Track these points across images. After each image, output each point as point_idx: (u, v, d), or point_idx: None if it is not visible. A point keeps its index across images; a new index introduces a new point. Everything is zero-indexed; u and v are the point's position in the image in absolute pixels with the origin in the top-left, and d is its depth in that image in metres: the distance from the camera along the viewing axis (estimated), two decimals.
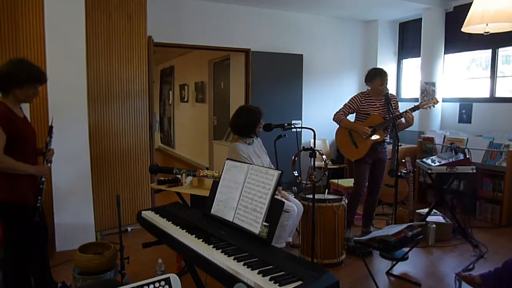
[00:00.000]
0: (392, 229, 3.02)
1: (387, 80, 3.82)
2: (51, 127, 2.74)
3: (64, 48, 3.61)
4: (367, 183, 3.93)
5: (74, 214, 3.76)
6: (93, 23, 4.01)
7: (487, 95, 5.34)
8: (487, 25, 2.77)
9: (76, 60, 3.69)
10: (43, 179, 2.59)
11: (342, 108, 3.94)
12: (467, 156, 4.16)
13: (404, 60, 6.67)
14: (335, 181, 4.94)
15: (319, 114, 6.11)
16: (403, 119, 3.78)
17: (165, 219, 2.36)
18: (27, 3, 3.67)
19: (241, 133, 3.38)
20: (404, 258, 3.51)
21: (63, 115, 3.62)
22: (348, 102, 3.94)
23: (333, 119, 3.95)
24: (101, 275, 2.85)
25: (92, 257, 2.86)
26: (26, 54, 3.67)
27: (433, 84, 5.70)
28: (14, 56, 3.59)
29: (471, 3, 2.82)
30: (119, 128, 4.32)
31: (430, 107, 3.83)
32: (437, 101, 3.84)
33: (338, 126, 3.98)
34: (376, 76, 3.81)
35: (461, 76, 5.83)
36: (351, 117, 4.02)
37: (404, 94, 6.66)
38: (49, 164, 2.68)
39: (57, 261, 3.53)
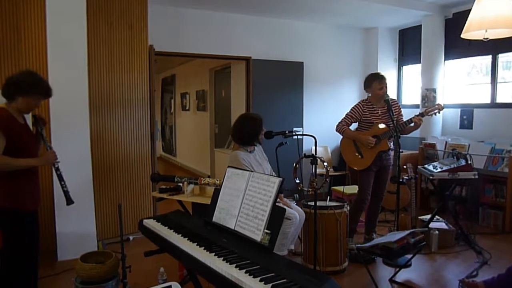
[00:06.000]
0: (395, 236, 3.00)
1: (386, 83, 3.78)
2: (34, 116, 2.66)
3: (65, 57, 3.64)
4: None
5: (75, 223, 3.75)
6: (94, 32, 4.04)
7: (488, 101, 5.34)
8: (486, 31, 2.78)
9: (78, 69, 3.72)
10: (56, 166, 2.63)
11: (344, 118, 3.91)
12: (469, 162, 4.15)
13: (404, 67, 6.70)
14: (340, 188, 4.93)
15: (320, 121, 6.12)
16: (412, 124, 3.74)
17: (167, 227, 2.35)
18: (29, 12, 3.70)
19: (244, 142, 3.37)
20: (407, 265, 3.49)
21: (64, 123, 3.65)
22: (350, 111, 3.90)
23: (336, 130, 3.92)
24: (103, 284, 2.83)
25: (93, 266, 2.85)
26: (28, 63, 3.70)
27: (434, 90, 5.71)
28: (16, 65, 3.65)
29: (471, 9, 2.83)
30: (120, 137, 4.33)
31: (435, 114, 3.79)
32: (442, 107, 3.77)
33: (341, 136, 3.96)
34: (374, 81, 3.80)
35: (462, 82, 5.84)
36: (354, 126, 4.01)
37: (405, 101, 6.67)
38: (51, 150, 2.66)
39: (59, 270, 3.52)
